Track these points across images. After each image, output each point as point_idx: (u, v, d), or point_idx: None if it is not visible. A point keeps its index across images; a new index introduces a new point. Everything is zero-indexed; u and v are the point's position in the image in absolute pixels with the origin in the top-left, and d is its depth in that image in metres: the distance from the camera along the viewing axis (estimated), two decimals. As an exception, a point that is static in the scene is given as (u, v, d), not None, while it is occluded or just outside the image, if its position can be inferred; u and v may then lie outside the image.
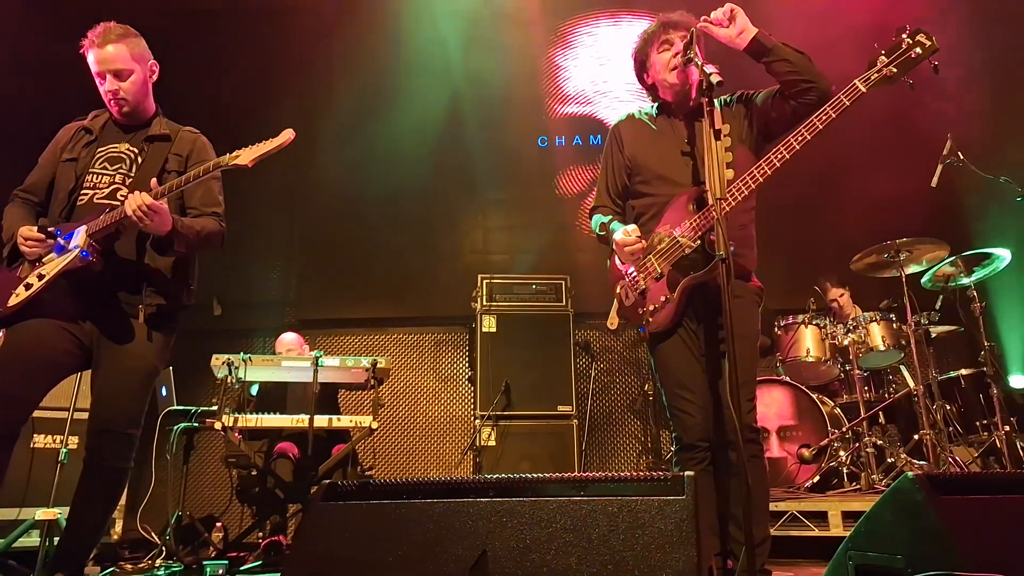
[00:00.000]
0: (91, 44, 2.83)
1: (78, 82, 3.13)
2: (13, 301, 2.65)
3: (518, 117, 6.71)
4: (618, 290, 2.82)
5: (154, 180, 2.71)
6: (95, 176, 2.84)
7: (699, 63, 2.48)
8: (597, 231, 2.88)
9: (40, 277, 2.65)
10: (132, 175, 2.85)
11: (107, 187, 2.82)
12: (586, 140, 6.82)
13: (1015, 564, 1.48)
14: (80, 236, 2.65)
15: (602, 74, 6.90)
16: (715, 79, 2.38)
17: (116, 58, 2.83)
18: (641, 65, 2.88)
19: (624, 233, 2.67)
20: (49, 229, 2.69)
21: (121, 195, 2.79)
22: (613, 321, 2.85)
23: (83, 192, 2.82)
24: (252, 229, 6.23)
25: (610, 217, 2.86)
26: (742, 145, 2.70)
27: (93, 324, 2.75)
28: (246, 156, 2.65)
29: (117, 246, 2.76)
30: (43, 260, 2.69)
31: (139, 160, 2.88)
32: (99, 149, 2.90)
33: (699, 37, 2.60)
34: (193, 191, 2.88)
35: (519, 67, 6.79)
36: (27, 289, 2.66)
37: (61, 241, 2.67)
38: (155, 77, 2.99)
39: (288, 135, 2.67)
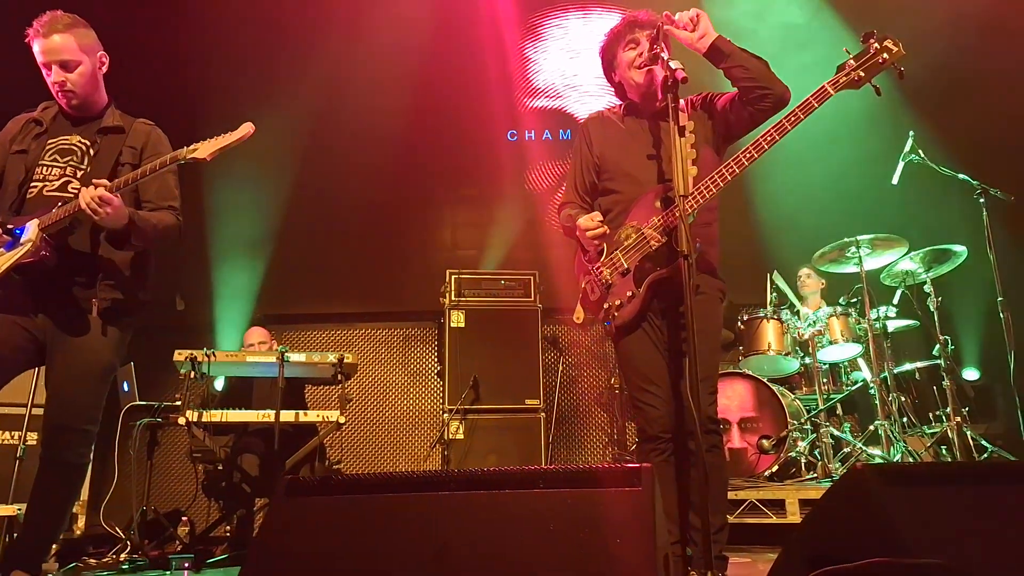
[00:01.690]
0: (36, 33, 2.75)
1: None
2: (-38, 297, 2.61)
3: (487, 111, 6.70)
4: (583, 285, 2.84)
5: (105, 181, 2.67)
6: (45, 168, 2.79)
7: (665, 58, 2.51)
8: (564, 223, 2.91)
9: (-10, 272, 2.61)
10: (84, 167, 2.80)
11: (57, 179, 2.78)
12: (556, 135, 6.83)
13: (959, 553, 1.53)
14: (32, 230, 2.61)
15: (572, 68, 6.91)
16: (680, 75, 2.41)
17: (63, 48, 2.76)
18: (608, 63, 2.90)
19: (588, 218, 2.69)
20: (8, 227, 2.65)
21: (72, 188, 2.74)
22: (579, 315, 2.87)
23: (33, 184, 2.77)
24: (217, 222, 6.18)
25: (577, 211, 2.88)
26: (707, 146, 2.73)
27: (47, 318, 2.71)
28: (204, 149, 2.62)
29: (71, 240, 2.71)
30: None
31: (91, 152, 2.83)
32: (49, 141, 2.84)
33: (666, 34, 2.63)
34: (148, 184, 2.83)
35: (488, 60, 6.78)
36: (-23, 285, 2.61)
37: (11, 237, 2.63)
38: (105, 68, 2.92)
39: (248, 128, 2.64)
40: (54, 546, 3.73)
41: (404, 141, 6.59)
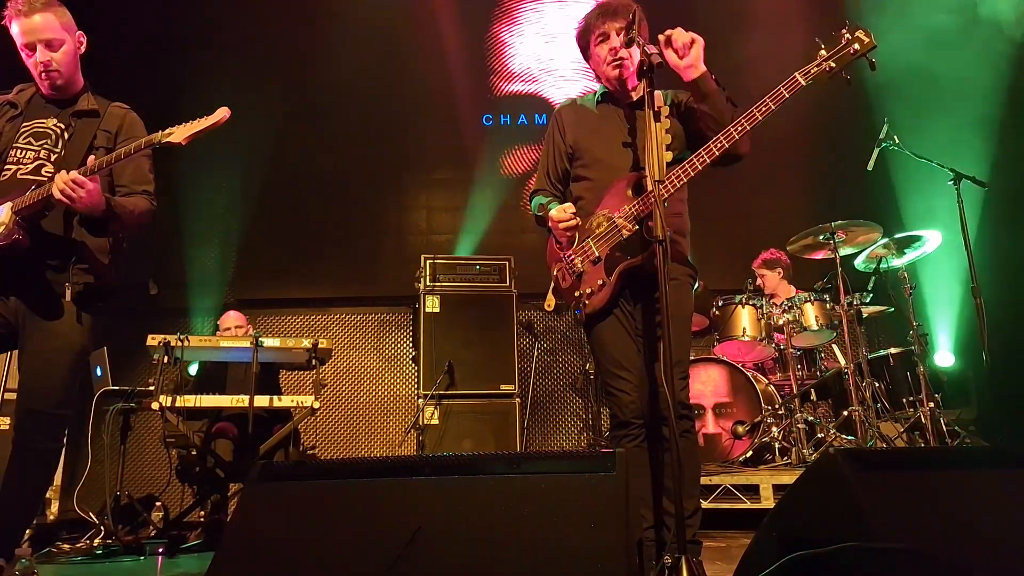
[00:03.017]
0: (16, 13, 2.69)
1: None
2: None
3: (463, 95, 6.66)
4: (555, 272, 2.84)
5: (92, 158, 2.62)
6: (19, 151, 2.74)
7: (640, 42, 2.49)
8: (536, 212, 2.90)
9: (-38, 255, 2.56)
10: (58, 151, 2.76)
11: (31, 163, 2.73)
12: (531, 119, 6.80)
13: (931, 538, 1.55)
14: (5, 213, 2.57)
15: (547, 52, 6.88)
16: (656, 60, 2.40)
17: (46, 27, 2.70)
18: (583, 50, 2.90)
19: (560, 210, 2.68)
20: None
21: (46, 171, 2.69)
22: (550, 302, 2.86)
23: (6, 168, 2.72)
24: (191, 206, 6.10)
25: (549, 199, 2.87)
26: (676, 140, 2.74)
27: (19, 301, 2.67)
28: (180, 134, 2.58)
29: (44, 223, 2.67)
30: None
31: (66, 136, 2.79)
32: (24, 124, 2.79)
33: (641, 18, 2.62)
34: (123, 169, 2.80)
35: (463, 43, 6.73)
36: (-51, 268, 2.56)
37: None
38: (83, 49, 2.87)
39: (223, 113, 2.60)
40: (27, 531, 3.68)
41: (379, 125, 6.56)
